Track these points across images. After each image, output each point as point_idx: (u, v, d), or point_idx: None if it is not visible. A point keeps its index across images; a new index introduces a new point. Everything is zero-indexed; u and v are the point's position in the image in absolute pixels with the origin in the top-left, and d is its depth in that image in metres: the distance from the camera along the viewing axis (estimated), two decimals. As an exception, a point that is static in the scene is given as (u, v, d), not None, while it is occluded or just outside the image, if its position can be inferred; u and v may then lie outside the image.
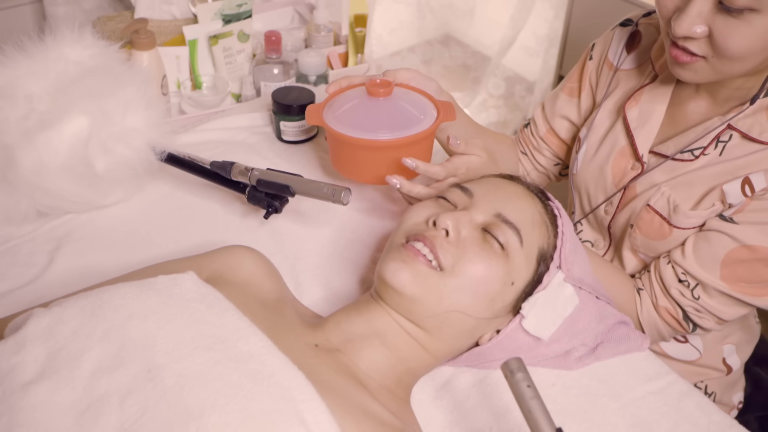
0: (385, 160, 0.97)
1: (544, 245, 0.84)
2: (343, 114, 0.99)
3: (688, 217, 0.96)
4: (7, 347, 0.67)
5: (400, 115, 0.98)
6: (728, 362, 1.11)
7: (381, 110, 0.99)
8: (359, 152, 0.98)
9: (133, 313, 0.69)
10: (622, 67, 1.09)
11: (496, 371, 0.88)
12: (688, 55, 0.87)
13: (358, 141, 0.96)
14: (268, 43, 1.47)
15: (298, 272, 1.02)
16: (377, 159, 0.98)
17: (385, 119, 0.97)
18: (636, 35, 1.09)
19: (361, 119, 0.98)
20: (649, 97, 1.03)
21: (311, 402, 0.65)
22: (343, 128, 0.97)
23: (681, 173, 0.98)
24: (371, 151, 0.97)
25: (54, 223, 1.08)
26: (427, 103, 1.02)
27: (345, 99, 1.02)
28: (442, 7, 2.97)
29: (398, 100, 1.00)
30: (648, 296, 1.01)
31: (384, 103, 0.99)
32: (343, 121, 0.98)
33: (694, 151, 0.96)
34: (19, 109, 0.99)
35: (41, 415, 0.62)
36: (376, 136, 0.95)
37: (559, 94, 1.21)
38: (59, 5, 1.67)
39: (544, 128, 1.23)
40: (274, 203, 1.01)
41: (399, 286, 0.78)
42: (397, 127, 0.96)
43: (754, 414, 1.17)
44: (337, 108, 1.00)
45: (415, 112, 0.99)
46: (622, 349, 0.91)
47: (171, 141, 1.11)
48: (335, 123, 0.98)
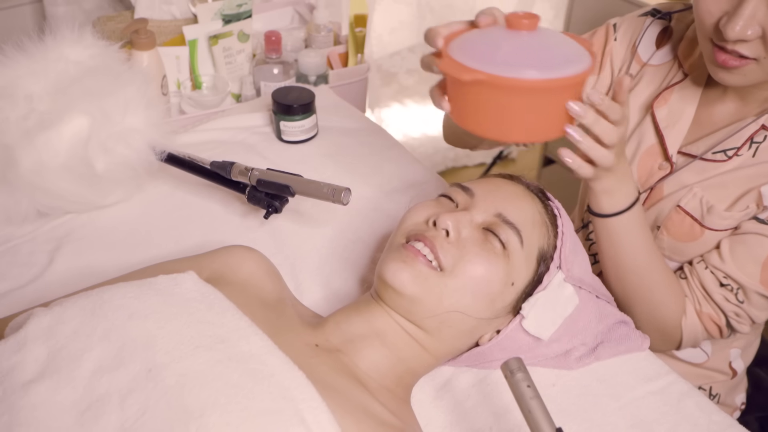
0: (550, 106, 0.77)
1: (544, 245, 0.84)
2: (485, 53, 0.75)
3: (723, 219, 0.95)
4: (7, 346, 0.67)
5: (556, 51, 0.77)
6: (734, 366, 1.11)
7: (531, 46, 0.76)
8: (526, 98, 0.75)
9: (134, 312, 0.69)
10: (650, 62, 1.06)
11: (496, 371, 0.88)
12: (738, 59, 0.85)
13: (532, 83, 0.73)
14: (268, 43, 1.47)
15: (298, 272, 1.02)
16: (543, 106, 0.77)
17: (541, 56, 0.75)
18: (667, 30, 1.06)
19: (509, 59, 0.74)
20: (679, 96, 1.01)
21: (311, 402, 0.65)
22: (510, 72, 0.73)
23: (714, 174, 0.96)
24: (556, 93, 0.76)
25: (54, 223, 1.08)
26: (566, 38, 0.81)
27: (476, 45, 0.77)
28: (442, 7, 2.97)
29: (545, 34, 0.78)
30: (691, 304, 0.98)
31: (530, 38, 0.76)
32: (487, 61, 0.73)
33: (727, 151, 0.95)
34: (19, 109, 0.99)
35: (42, 414, 0.62)
36: (566, 71, 0.74)
37: None
38: (59, 5, 1.66)
39: None
40: (274, 203, 1.01)
41: (399, 286, 0.78)
42: (556, 64, 0.74)
43: (754, 415, 1.17)
44: (483, 55, 0.75)
45: (570, 45, 0.79)
46: (622, 349, 0.91)
47: (171, 141, 1.11)
48: (498, 69, 0.73)
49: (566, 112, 0.77)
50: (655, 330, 0.98)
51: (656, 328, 0.98)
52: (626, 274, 0.94)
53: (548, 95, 0.76)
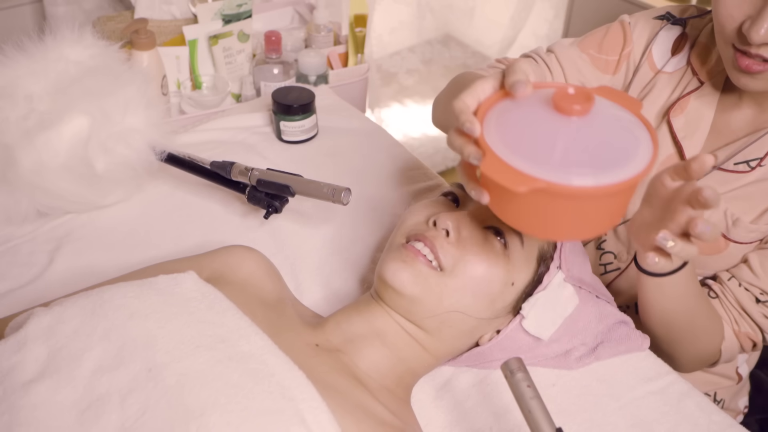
0: (608, 207, 0.68)
1: (544, 245, 0.84)
2: (536, 150, 0.64)
3: (749, 231, 0.93)
4: (7, 346, 0.67)
5: (614, 141, 0.67)
6: (740, 371, 1.11)
7: (586, 139, 0.65)
8: (583, 203, 0.65)
9: (134, 312, 0.69)
10: (664, 70, 1.03)
11: (496, 371, 0.88)
12: (762, 63, 0.83)
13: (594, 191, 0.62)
14: (268, 43, 1.47)
15: (298, 272, 1.02)
16: (601, 207, 0.67)
17: (600, 153, 0.65)
18: (683, 37, 1.03)
19: (565, 159, 0.63)
20: (696, 105, 0.98)
21: (312, 401, 0.65)
22: (570, 178, 0.62)
23: (738, 186, 0.94)
24: (601, 200, 0.65)
25: (54, 223, 1.08)
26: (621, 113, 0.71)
27: (518, 131, 0.67)
28: (442, 7, 2.97)
29: (597, 116, 0.67)
30: (728, 325, 0.95)
31: (583, 126, 0.66)
32: (541, 163, 0.63)
33: (749, 162, 0.93)
34: (19, 109, 0.99)
35: (42, 414, 0.62)
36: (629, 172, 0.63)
37: (587, 62, 1.07)
38: (59, 5, 1.67)
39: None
40: (274, 203, 1.01)
41: (399, 286, 0.78)
42: (617, 161, 0.64)
43: (755, 416, 1.17)
44: (515, 140, 0.65)
45: (627, 126, 0.69)
46: (622, 349, 0.91)
47: (171, 141, 1.11)
48: (558, 175, 0.62)
49: (621, 208, 0.69)
50: (697, 361, 0.96)
51: (699, 360, 0.96)
52: (674, 320, 0.90)
53: (609, 198, 0.66)
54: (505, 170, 0.63)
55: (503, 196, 0.67)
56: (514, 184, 0.62)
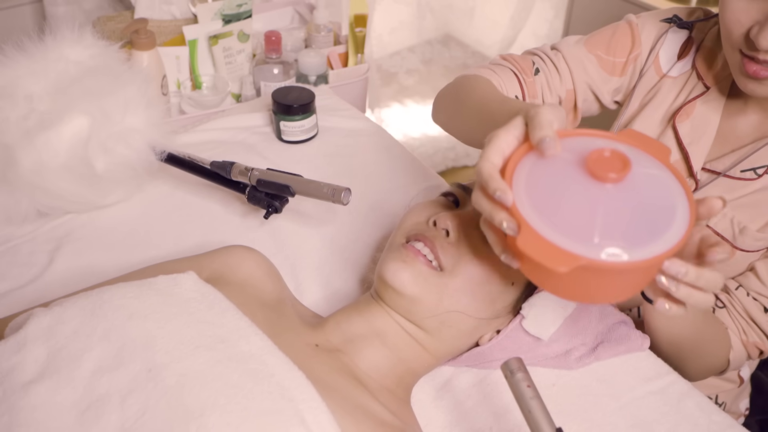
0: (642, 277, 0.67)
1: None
2: (603, 235, 0.60)
3: (756, 240, 0.93)
4: (7, 347, 0.67)
5: (651, 210, 0.64)
6: (741, 374, 1.11)
7: (623, 209, 0.62)
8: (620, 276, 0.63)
9: (134, 312, 0.69)
10: (669, 74, 1.02)
11: (496, 371, 0.88)
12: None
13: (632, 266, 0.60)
14: (268, 43, 1.47)
15: (298, 272, 1.02)
16: (635, 279, 0.66)
17: (637, 225, 0.62)
18: (689, 41, 1.02)
19: (604, 233, 0.61)
20: (702, 111, 0.97)
21: (311, 402, 0.65)
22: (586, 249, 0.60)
23: (745, 193, 0.93)
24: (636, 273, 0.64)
25: (54, 223, 1.08)
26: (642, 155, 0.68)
27: (550, 198, 0.63)
28: (442, 7, 2.97)
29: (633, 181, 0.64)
30: (736, 335, 0.94)
31: (620, 194, 0.62)
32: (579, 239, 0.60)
33: (756, 169, 0.92)
34: (19, 109, 0.99)
35: (42, 414, 0.62)
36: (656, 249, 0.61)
37: (594, 63, 1.06)
38: (59, 5, 1.67)
39: (567, 87, 1.06)
40: (274, 203, 1.01)
41: (399, 286, 0.78)
42: (655, 232, 0.62)
43: (755, 417, 1.17)
44: (550, 211, 0.62)
45: (664, 191, 0.66)
46: (622, 349, 0.91)
47: (171, 141, 1.11)
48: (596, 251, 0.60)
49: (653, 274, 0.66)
50: (706, 372, 0.96)
51: (707, 371, 0.96)
52: (682, 342, 0.89)
53: (644, 271, 0.64)
54: (545, 248, 0.60)
55: (539, 269, 0.65)
56: (556, 264, 0.59)
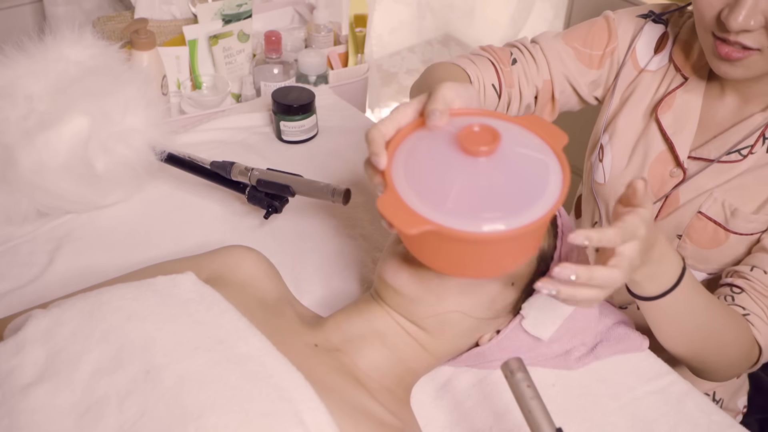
0: (512, 249, 0.67)
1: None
2: (455, 203, 0.62)
3: (749, 222, 0.93)
4: (6, 349, 0.67)
5: (523, 175, 0.66)
6: None
7: (495, 176, 0.64)
8: (491, 246, 0.65)
9: (132, 314, 0.69)
10: (647, 68, 1.05)
11: (496, 371, 0.88)
12: (741, 50, 0.85)
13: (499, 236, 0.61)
14: (268, 43, 1.47)
15: (298, 272, 1.02)
16: (512, 247, 0.67)
17: (510, 188, 0.64)
18: (665, 36, 1.05)
19: (474, 200, 0.63)
20: (682, 101, 1.00)
21: (310, 403, 0.65)
22: (460, 222, 0.61)
23: (732, 176, 0.95)
24: (513, 241, 0.64)
25: (54, 223, 1.08)
26: (525, 134, 0.70)
27: (425, 169, 0.66)
28: (442, 7, 2.97)
29: (506, 155, 0.66)
30: (760, 318, 0.89)
31: (492, 162, 0.65)
32: (457, 212, 0.62)
33: (741, 150, 0.94)
34: (19, 109, 0.99)
35: (41, 417, 0.62)
36: (521, 220, 0.62)
37: (571, 55, 1.07)
38: (59, 5, 1.67)
39: (544, 78, 1.08)
40: (274, 203, 1.01)
41: (399, 285, 0.78)
42: (530, 194, 0.64)
43: (755, 416, 1.17)
44: (431, 191, 0.63)
45: (534, 155, 0.68)
46: (622, 348, 0.91)
47: (171, 141, 1.11)
48: (449, 219, 0.61)
49: (523, 248, 0.67)
50: (733, 368, 0.91)
51: (734, 366, 0.91)
52: (691, 338, 0.86)
53: (509, 242, 0.64)
54: (399, 210, 0.62)
55: (411, 239, 0.67)
56: (405, 226, 0.61)
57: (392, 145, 0.67)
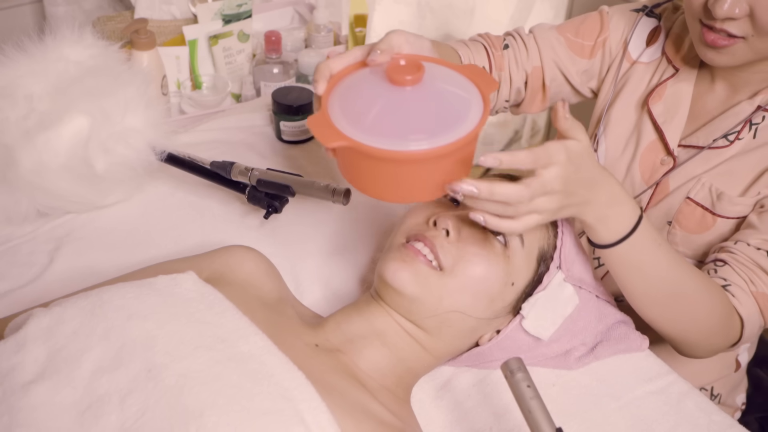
0: (440, 169, 0.71)
1: (544, 245, 0.84)
2: (373, 123, 0.69)
3: (735, 205, 0.94)
4: (7, 347, 0.67)
5: (444, 105, 0.72)
6: (739, 359, 1.11)
7: (417, 104, 0.71)
8: (410, 167, 0.70)
9: (134, 313, 0.69)
10: (640, 60, 1.08)
11: (496, 371, 0.88)
12: (727, 38, 0.87)
13: (413, 155, 0.67)
14: (268, 43, 1.47)
15: (298, 272, 1.02)
16: (430, 171, 0.71)
17: (428, 116, 0.70)
18: (657, 29, 1.08)
19: (395, 123, 0.69)
20: (673, 91, 1.02)
21: (311, 402, 0.65)
22: (378, 141, 0.68)
23: (719, 162, 0.97)
24: (427, 163, 0.70)
25: (54, 223, 1.08)
26: (458, 76, 0.76)
27: (357, 97, 0.73)
28: (442, 7, 2.97)
29: (430, 83, 0.73)
30: (741, 288, 0.88)
31: (416, 92, 0.71)
32: (374, 132, 0.69)
33: (728, 136, 0.96)
34: (19, 109, 0.99)
35: (41, 415, 0.62)
36: (433, 143, 0.68)
37: (562, 44, 1.10)
38: (59, 5, 1.66)
39: (534, 64, 1.11)
40: (274, 203, 1.01)
41: (399, 286, 0.78)
42: (446, 122, 0.70)
43: (754, 415, 1.17)
44: (356, 114, 0.71)
45: (458, 93, 0.74)
46: (622, 348, 0.91)
47: (171, 141, 1.11)
48: (366, 137, 0.68)
49: (445, 173, 0.71)
50: (711, 338, 0.89)
51: (711, 336, 0.89)
52: (659, 298, 0.85)
53: (419, 164, 0.69)
54: (324, 126, 0.69)
55: (341, 161, 0.75)
56: (325, 140, 0.68)
57: (335, 78, 0.76)
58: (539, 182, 0.70)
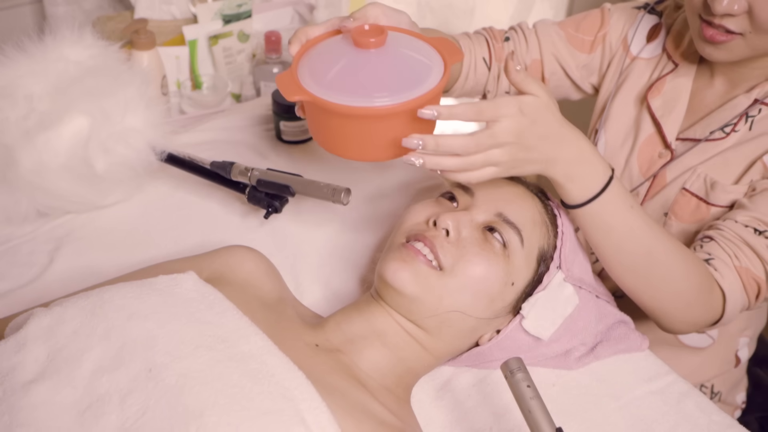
0: (394, 128, 0.75)
1: (544, 245, 0.84)
2: (333, 80, 0.75)
3: (728, 193, 0.95)
4: (7, 347, 0.67)
5: (405, 68, 0.77)
6: (739, 354, 1.12)
7: (379, 65, 0.76)
8: (366, 124, 0.75)
9: (134, 312, 0.69)
10: (640, 56, 1.09)
11: (496, 371, 0.88)
12: (725, 34, 0.88)
13: (367, 111, 0.72)
14: (268, 43, 1.47)
15: (298, 272, 1.02)
16: (386, 129, 0.75)
17: (387, 77, 0.75)
18: (658, 26, 1.09)
19: (356, 82, 0.74)
20: (672, 86, 1.03)
21: (311, 402, 0.65)
22: (337, 97, 0.73)
23: (715, 153, 0.97)
24: (382, 121, 0.74)
25: (54, 223, 1.08)
26: (424, 46, 0.81)
27: (325, 58, 0.78)
28: (442, 7, 2.97)
29: (394, 48, 0.78)
30: (724, 262, 0.87)
31: (379, 55, 0.76)
32: (335, 89, 0.74)
33: (724, 128, 0.97)
34: (19, 109, 0.99)
35: (42, 414, 0.62)
36: (386, 101, 0.72)
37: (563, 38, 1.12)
38: (59, 5, 1.66)
39: (533, 57, 1.13)
40: (274, 203, 1.01)
41: (399, 285, 0.78)
42: (404, 84, 0.74)
43: (755, 415, 1.17)
44: (321, 72, 0.76)
45: (421, 59, 0.78)
46: (621, 348, 0.91)
47: (171, 141, 1.11)
48: (326, 93, 0.74)
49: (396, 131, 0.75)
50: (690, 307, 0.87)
51: (689, 304, 0.87)
52: (633, 263, 0.85)
53: (377, 121, 0.73)
54: (289, 82, 0.75)
55: (309, 116, 0.80)
56: (287, 93, 0.74)
57: (311, 42, 0.81)
58: (487, 134, 0.73)
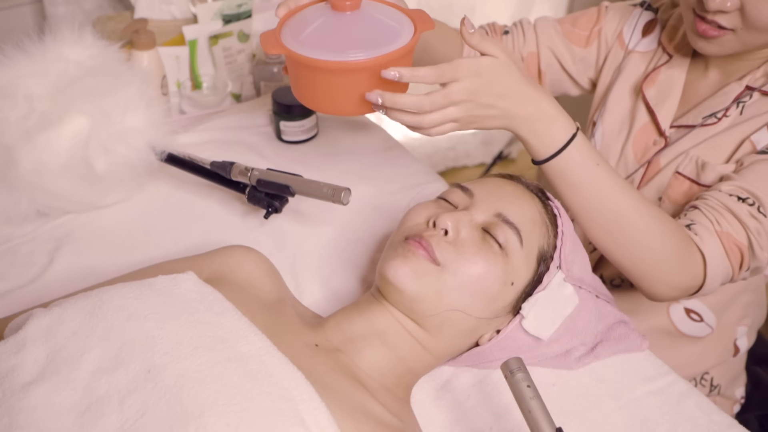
0: (362, 84, 0.82)
1: (544, 245, 0.84)
2: (308, 37, 0.83)
3: (717, 172, 0.97)
4: (6, 348, 0.67)
5: (375, 30, 0.84)
6: (738, 343, 1.13)
7: (351, 26, 0.84)
8: (336, 78, 0.83)
9: (133, 313, 0.69)
10: (635, 49, 1.11)
11: (496, 371, 0.88)
12: (717, 29, 0.91)
13: (334, 64, 0.80)
14: (269, 43, 1.47)
15: (298, 272, 1.02)
16: (355, 84, 0.82)
17: (358, 36, 0.83)
18: (653, 22, 1.12)
19: (329, 40, 0.83)
20: (666, 76, 1.06)
21: (311, 402, 0.65)
22: (310, 52, 0.81)
23: (707, 137, 1.00)
24: (350, 75, 0.82)
25: (54, 223, 1.08)
26: (398, 13, 0.88)
27: (305, 20, 0.86)
28: (442, 7, 2.97)
29: (368, 13, 0.86)
30: (705, 227, 0.88)
31: (353, 17, 0.84)
32: (309, 45, 0.82)
33: (716, 114, 0.99)
34: (19, 109, 0.99)
35: (41, 415, 0.62)
36: (353, 56, 0.80)
37: (559, 32, 1.16)
38: (59, 5, 1.66)
39: (530, 50, 1.17)
40: (274, 203, 1.01)
41: (400, 283, 0.78)
42: (373, 43, 0.81)
43: (754, 413, 1.17)
44: (299, 31, 0.85)
45: (392, 24, 0.85)
46: (621, 348, 0.91)
47: (171, 141, 1.11)
48: (300, 48, 0.82)
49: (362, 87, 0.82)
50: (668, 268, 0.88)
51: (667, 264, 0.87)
52: (600, 218, 0.86)
53: (348, 75, 0.81)
54: (271, 39, 0.84)
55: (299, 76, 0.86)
56: (266, 47, 0.83)
57: (298, 8, 0.88)
58: (442, 94, 0.78)
